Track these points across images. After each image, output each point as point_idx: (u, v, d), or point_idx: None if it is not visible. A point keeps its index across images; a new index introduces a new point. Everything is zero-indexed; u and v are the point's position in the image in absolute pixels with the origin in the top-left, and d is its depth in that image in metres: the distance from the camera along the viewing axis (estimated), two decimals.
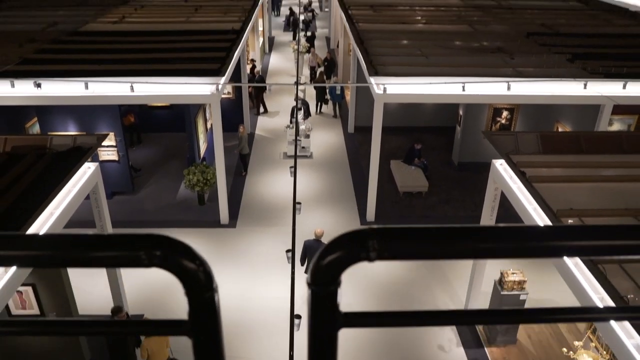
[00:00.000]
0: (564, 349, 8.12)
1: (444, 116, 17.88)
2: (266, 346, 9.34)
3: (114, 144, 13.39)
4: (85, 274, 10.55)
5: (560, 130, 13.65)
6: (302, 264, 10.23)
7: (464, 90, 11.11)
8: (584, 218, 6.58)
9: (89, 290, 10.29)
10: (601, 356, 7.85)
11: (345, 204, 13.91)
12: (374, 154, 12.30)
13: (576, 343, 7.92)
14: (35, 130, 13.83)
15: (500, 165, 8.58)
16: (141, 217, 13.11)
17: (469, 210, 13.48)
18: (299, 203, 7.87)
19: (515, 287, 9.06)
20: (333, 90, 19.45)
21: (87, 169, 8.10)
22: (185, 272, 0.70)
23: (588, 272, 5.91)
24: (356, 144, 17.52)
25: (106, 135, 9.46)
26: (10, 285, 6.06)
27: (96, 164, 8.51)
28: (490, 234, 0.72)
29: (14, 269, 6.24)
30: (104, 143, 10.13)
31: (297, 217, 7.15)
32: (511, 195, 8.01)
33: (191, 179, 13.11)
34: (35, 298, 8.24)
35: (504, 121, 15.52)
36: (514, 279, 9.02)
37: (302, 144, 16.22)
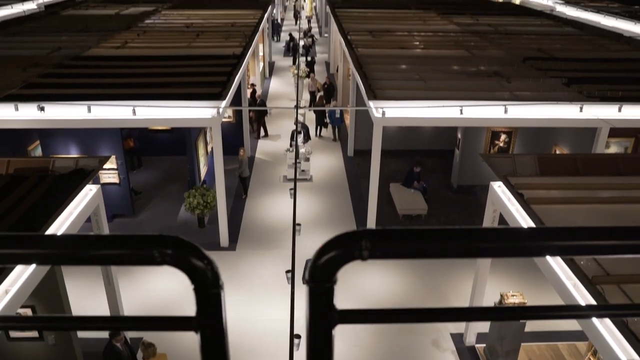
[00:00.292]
0: None
1: (443, 139, 18.03)
2: None
3: (115, 166, 13.49)
4: (85, 296, 10.55)
5: (558, 153, 13.76)
6: (304, 283, 10.21)
7: (461, 113, 11.25)
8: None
9: (88, 312, 10.26)
10: None
11: (345, 227, 13.94)
12: (373, 177, 12.38)
13: None
14: (37, 153, 13.95)
15: (499, 187, 8.66)
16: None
17: None
18: (299, 224, 7.92)
19: None
20: (332, 114, 19.64)
21: (89, 191, 8.17)
22: (194, 270, 0.77)
23: (587, 294, 5.94)
24: (356, 167, 17.63)
25: (108, 157, 9.55)
26: (10, 307, 6.07)
27: (98, 186, 8.59)
28: (475, 234, 0.78)
29: (12, 291, 6.27)
30: (105, 166, 10.22)
31: (297, 239, 7.20)
32: (509, 217, 8.07)
33: (191, 202, 13.17)
34: None
35: (502, 144, 15.65)
36: (514, 301, 9.02)
37: (302, 167, 16.33)
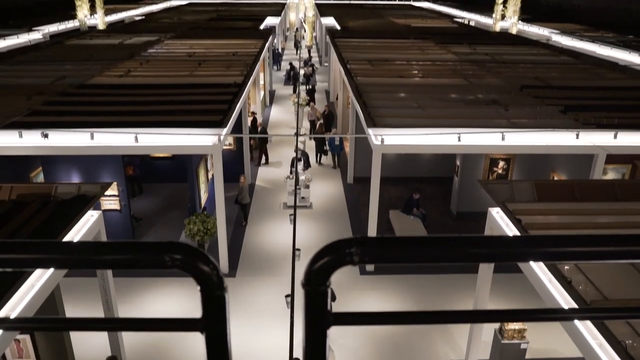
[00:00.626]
0: None
1: (442, 167, 18.16)
2: None
3: (117, 193, 13.59)
4: None
5: (556, 179, 13.87)
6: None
7: (459, 140, 11.40)
8: (579, 262, 6.67)
9: (87, 339, 10.21)
10: None
11: None
12: (372, 204, 12.46)
13: None
14: (39, 179, 14.06)
15: (497, 213, 8.73)
16: None
17: None
18: (299, 249, 7.97)
19: (515, 336, 9.02)
20: (332, 141, 19.83)
21: (91, 217, 8.24)
22: (200, 273, 0.85)
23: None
24: (355, 194, 17.72)
25: (110, 184, 9.65)
26: (9, 333, 6.07)
27: (99, 212, 8.66)
28: (453, 240, 0.87)
29: (12, 317, 6.29)
30: (106, 192, 10.31)
31: (297, 264, 7.24)
32: None
33: (192, 229, 13.22)
34: (33, 347, 8.19)
35: (500, 171, 15.77)
36: (514, 327, 9.00)
37: (302, 194, 16.41)
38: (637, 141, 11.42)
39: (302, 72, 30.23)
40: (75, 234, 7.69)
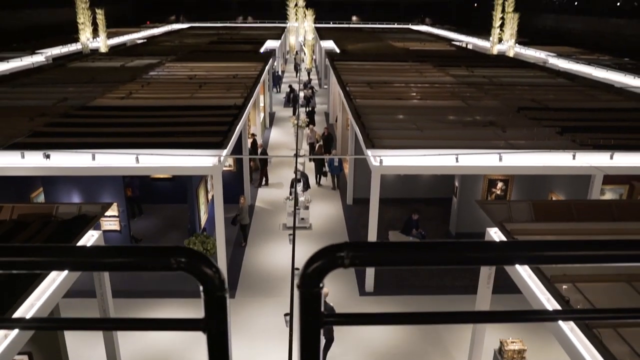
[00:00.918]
0: None
1: (441, 188, 18.24)
2: None
3: (117, 214, 13.64)
4: (84, 344, 10.46)
5: (554, 200, 13.93)
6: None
7: (457, 161, 11.50)
8: (578, 283, 6.71)
9: (86, 358, 10.16)
10: None
11: (344, 274, 13.92)
12: (371, 225, 12.51)
13: None
14: (40, 200, 14.13)
15: (495, 233, 8.78)
16: (141, 287, 13.12)
17: (467, 280, 13.51)
18: (297, 269, 7.98)
19: (515, 357, 9.00)
20: (331, 162, 19.95)
21: (91, 237, 8.30)
22: (204, 275, 0.91)
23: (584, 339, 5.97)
24: (355, 215, 17.76)
25: (110, 204, 9.72)
26: (7, 353, 6.07)
27: (99, 232, 8.72)
28: (441, 245, 0.94)
29: (11, 336, 6.29)
30: (106, 213, 10.37)
31: (296, 283, 7.25)
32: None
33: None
34: None
35: (499, 192, 15.85)
36: (513, 347, 8.98)
37: (301, 215, 16.45)
38: (634, 162, 11.53)
39: (302, 95, 30.53)
40: None
